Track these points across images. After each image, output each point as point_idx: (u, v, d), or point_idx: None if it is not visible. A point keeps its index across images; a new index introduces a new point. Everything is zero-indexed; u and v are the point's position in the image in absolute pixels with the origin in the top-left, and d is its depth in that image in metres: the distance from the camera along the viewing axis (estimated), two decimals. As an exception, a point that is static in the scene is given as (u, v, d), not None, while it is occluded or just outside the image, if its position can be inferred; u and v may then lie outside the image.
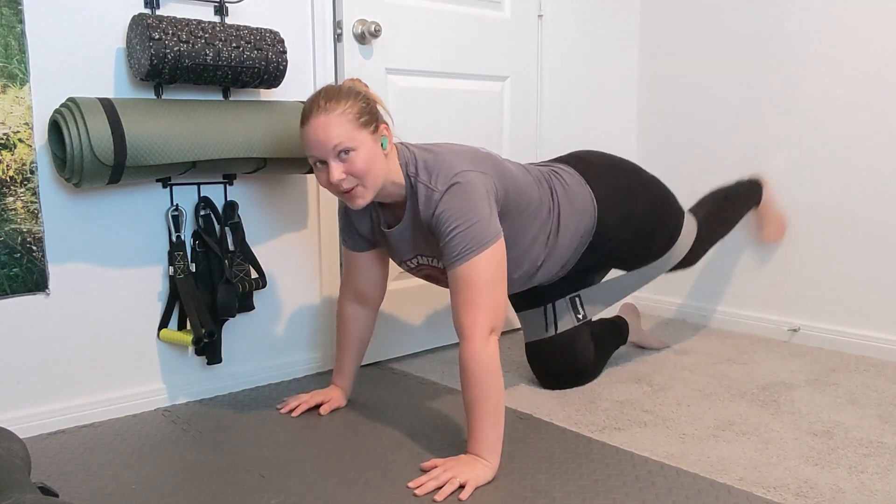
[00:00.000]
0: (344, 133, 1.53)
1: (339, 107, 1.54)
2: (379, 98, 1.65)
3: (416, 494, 1.46)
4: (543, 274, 1.92)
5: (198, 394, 2.02)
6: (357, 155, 1.54)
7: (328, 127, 1.53)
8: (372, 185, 1.58)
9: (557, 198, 1.86)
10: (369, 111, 1.57)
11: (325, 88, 1.59)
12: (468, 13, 2.42)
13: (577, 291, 2.06)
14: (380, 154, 1.59)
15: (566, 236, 1.88)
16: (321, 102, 1.55)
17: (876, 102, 2.32)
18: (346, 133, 1.53)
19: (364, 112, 1.56)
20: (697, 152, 2.81)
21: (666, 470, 1.56)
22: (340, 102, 1.54)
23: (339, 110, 1.53)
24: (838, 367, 2.25)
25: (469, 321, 1.52)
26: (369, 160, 1.56)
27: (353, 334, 1.92)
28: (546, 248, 1.86)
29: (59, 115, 1.64)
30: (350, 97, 1.56)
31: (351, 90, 1.58)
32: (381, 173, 1.60)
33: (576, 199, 1.90)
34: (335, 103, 1.54)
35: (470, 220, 1.54)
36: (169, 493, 1.48)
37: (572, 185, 1.91)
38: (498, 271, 1.55)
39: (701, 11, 2.75)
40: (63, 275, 1.80)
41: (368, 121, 1.56)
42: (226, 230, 1.98)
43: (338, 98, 1.55)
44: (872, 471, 1.55)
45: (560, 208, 1.86)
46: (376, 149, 1.58)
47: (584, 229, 1.92)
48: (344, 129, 1.53)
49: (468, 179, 1.58)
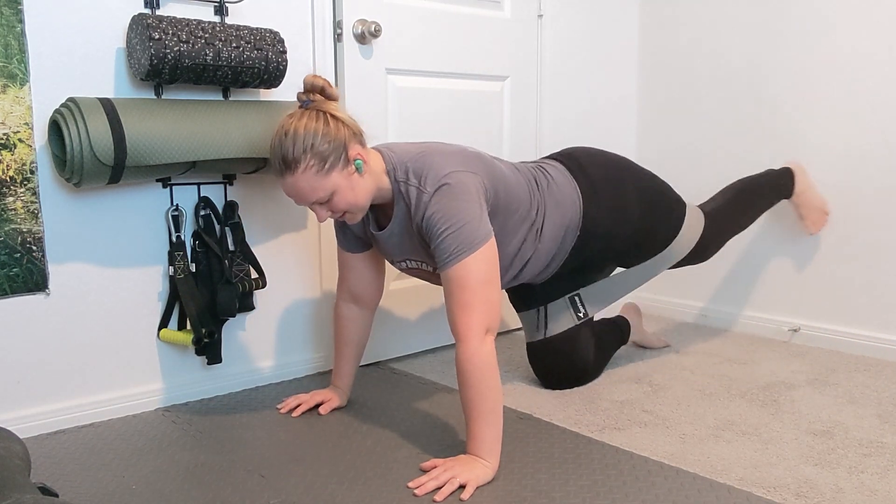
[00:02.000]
0: (313, 187, 1.54)
1: (300, 165, 1.52)
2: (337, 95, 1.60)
3: (415, 494, 1.46)
4: (530, 271, 1.90)
5: (198, 394, 2.02)
6: (334, 197, 1.56)
7: (296, 186, 1.55)
8: (360, 208, 1.61)
9: (542, 193, 1.84)
10: (332, 150, 1.53)
11: (279, 143, 1.53)
12: (468, 13, 2.42)
13: (577, 290, 2.06)
14: (357, 181, 1.58)
15: (550, 230, 1.86)
16: (278, 165, 1.55)
17: (876, 103, 2.32)
18: (316, 186, 1.54)
19: (325, 158, 1.52)
20: (698, 152, 2.81)
21: (666, 470, 1.55)
22: (299, 161, 1.52)
23: (301, 169, 1.52)
24: (838, 367, 2.25)
25: (464, 323, 1.52)
26: (348, 195, 1.57)
27: (350, 334, 1.92)
28: (533, 245, 1.85)
29: (59, 115, 1.64)
30: (307, 148, 1.51)
31: (306, 138, 1.51)
32: (366, 193, 1.60)
33: (560, 193, 1.87)
34: (294, 162, 1.52)
35: (460, 222, 1.53)
36: (169, 493, 1.48)
37: (557, 178, 1.89)
38: (490, 271, 1.55)
39: (701, 11, 2.75)
40: (63, 275, 1.80)
41: (334, 162, 1.53)
42: (226, 230, 1.98)
43: (294, 155, 1.51)
44: (872, 471, 1.55)
45: (546, 203, 1.84)
46: (352, 179, 1.57)
47: (570, 221, 1.89)
48: (311, 183, 1.54)
49: (458, 180, 1.57)
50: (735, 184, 2.34)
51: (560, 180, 1.89)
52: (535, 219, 1.82)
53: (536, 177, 1.86)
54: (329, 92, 1.60)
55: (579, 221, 1.90)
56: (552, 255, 1.91)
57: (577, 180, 1.91)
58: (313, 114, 1.55)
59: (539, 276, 1.98)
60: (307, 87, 1.60)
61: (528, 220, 1.81)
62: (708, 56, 2.74)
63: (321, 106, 1.57)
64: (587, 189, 1.91)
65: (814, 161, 2.47)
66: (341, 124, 1.56)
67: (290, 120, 1.55)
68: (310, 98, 1.59)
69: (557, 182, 1.89)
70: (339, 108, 1.60)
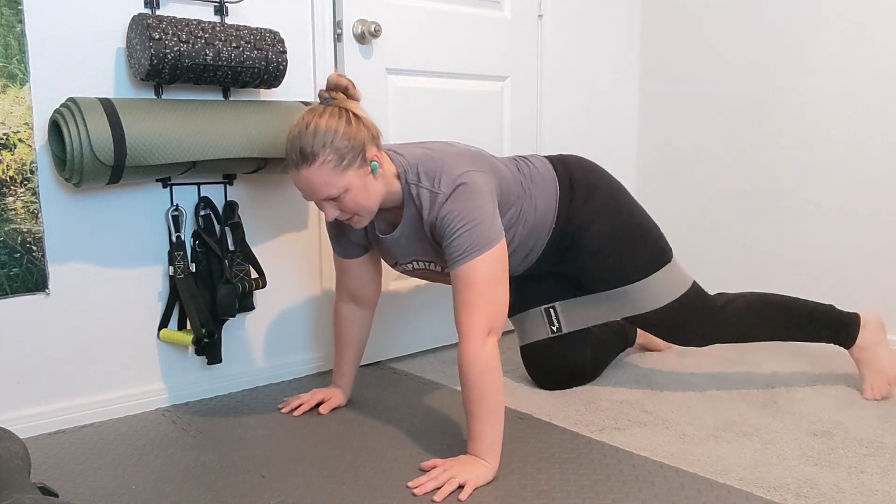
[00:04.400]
0: (327, 183, 1.52)
1: (317, 159, 1.50)
2: (359, 96, 1.59)
3: (415, 494, 1.46)
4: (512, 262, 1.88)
5: (198, 394, 2.02)
6: (346, 195, 1.54)
7: (310, 181, 1.53)
8: (369, 211, 1.60)
9: (524, 181, 1.83)
10: (350, 148, 1.51)
11: (298, 135, 1.52)
12: (468, 13, 2.42)
13: (552, 303, 2.04)
14: (371, 182, 1.57)
15: (530, 218, 1.83)
16: (295, 157, 1.52)
17: (877, 103, 2.32)
18: (330, 182, 1.52)
19: (343, 154, 1.51)
20: (698, 153, 2.81)
21: (666, 470, 1.55)
22: (317, 154, 1.50)
23: (318, 163, 1.50)
24: (838, 367, 2.25)
25: (467, 322, 1.52)
26: (360, 196, 1.56)
27: (350, 334, 1.92)
28: (520, 234, 1.84)
29: (59, 115, 1.64)
30: (326, 143, 1.50)
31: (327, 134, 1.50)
32: (377, 197, 1.59)
33: (541, 180, 1.86)
34: (311, 156, 1.50)
35: (474, 221, 1.54)
36: (169, 493, 1.48)
37: (538, 166, 1.88)
38: (499, 271, 1.55)
39: (702, 10, 2.75)
40: (63, 275, 1.80)
41: (351, 160, 1.52)
42: (226, 230, 1.98)
43: (313, 149, 1.50)
44: (872, 471, 1.55)
45: (528, 191, 1.83)
46: (366, 180, 1.56)
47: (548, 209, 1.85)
48: (326, 179, 1.52)
49: (473, 180, 1.58)
50: (776, 297, 2.03)
51: (541, 169, 1.88)
52: (522, 208, 1.82)
53: (519, 166, 1.85)
54: (352, 92, 1.59)
55: (556, 210, 1.87)
56: (531, 247, 1.89)
57: (558, 174, 1.90)
58: (335, 111, 1.54)
59: (517, 269, 1.94)
60: (330, 86, 1.59)
61: (519, 217, 1.81)
62: (709, 55, 2.74)
63: (343, 104, 1.56)
64: (565, 182, 1.89)
65: (816, 162, 2.47)
66: (362, 125, 1.55)
67: (312, 115, 1.54)
68: (332, 96, 1.58)
69: (539, 170, 1.87)
70: (360, 108, 1.59)
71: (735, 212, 2.72)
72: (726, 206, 2.74)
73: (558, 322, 2.03)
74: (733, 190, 2.71)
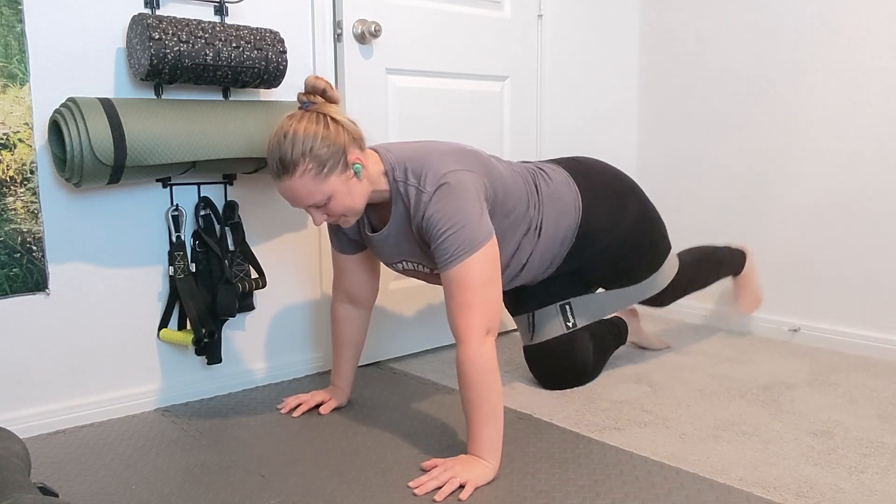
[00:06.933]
0: (310, 191, 1.53)
1: (298, 168, 1.50)
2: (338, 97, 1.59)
3: (415, 494, 1.46)
4: (529, 272, 1.91)
5: (197, 394, 2.02)
6: (331, 201, 1.55)
7: (293, 190, 1.53)
8: (355, 212, 1.60)
9: (541, 196, 1.84)
10: (331, 154, 1.51)
11: (277, 144, 1.51)
12: (468, 13, 2.42)
13: (568, 299, 2.05)
14: (355, 185, 1.57)
15: (549, 234, 1.86)
16: (276, 167, 1.53)
17: (877, 108, 2.32)
18: (313, 190, 1.52)
19: (324, 161, 1.51)
20: (698, 153, 2.81)
21: (666, 470, 1.55)
22: (297, 164, 1.50)
23: (299, 172, 1.51)
24: (838, 367, 2.25)
25: (464, 324, 1.52)
26: (345, 199, 1.56)
27: (347, 335, 1.92)
28: (531, 245, 1.85)
29: (59, 115, 1.64)
30: (306, 152, 1.49)
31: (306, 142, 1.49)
32: (363, 197, 1.59)
33: (560, 197, 1.88)
34: (292, 165, 1.50)
35: (461, 222, 1.53)
36: (169, 493, 1.48)
37: (557, 182, 1.89)
38: (491, 271, 1.54)
39: (702, 11, 2.75)
40: (63, 275, 1.80)
41: (332, 165, 1.52)
42: (226, 230, 1.98)
43: (293, 158, 1.50)
44: (872, 471, 1.55)
45: (543, 206, 1.85)
46: (350, 184, 1.56)
47: (568, 227, 1.89)
48: (308, 187, 1.52)
49: (457, 179, 1.57)
50: (704, 247, 2.42)
51: (560, 182, 1.90)
52: (533, 219, 1.82)
53: (535, 178, 1.86)
54: (330, 94, 1.58)
55: (577, 227, 1.91)
56: (551, 258, 1.92)
57: (579, 185, 1.92)
58: (313, 116, 1.54)
59: (537, 278, 1.98)
60: (308, 89, 1.58)
61: (525, 220, 1.81)
62: (709, 55, 2.74)
63: (322, 108, 1.56)
64: (589, 196, 1.92)
65: (816, 164, 2.47)
66: (341, 128, 1.55)
67: (290, 121, 1.53)
68: (310, 100, 1.57)
69: (557, 184, 1.89)
70: (339, 111, 1.58)
71: (735, 212, 2.72)
72: (726, 207, 2.74)
73: (573, 318, 2.05)
74: (733, 190, 2.71)
